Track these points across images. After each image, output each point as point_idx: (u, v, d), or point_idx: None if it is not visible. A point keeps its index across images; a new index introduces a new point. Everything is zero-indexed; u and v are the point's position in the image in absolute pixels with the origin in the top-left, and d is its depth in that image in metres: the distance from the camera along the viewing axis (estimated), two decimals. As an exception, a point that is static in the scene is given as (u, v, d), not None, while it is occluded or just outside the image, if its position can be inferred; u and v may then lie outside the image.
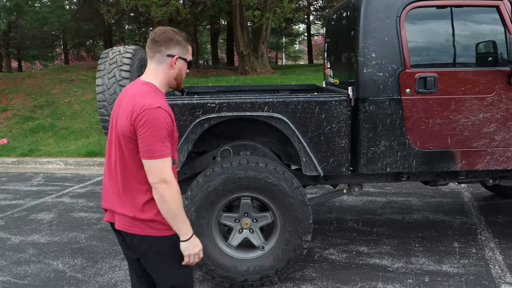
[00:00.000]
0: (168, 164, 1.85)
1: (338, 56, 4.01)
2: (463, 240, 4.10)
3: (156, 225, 1.93)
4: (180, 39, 1.98)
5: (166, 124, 1.84)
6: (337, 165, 3.36)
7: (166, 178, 1.83)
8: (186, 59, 2.01)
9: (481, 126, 3.36)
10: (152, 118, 1.81)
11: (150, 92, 1.90)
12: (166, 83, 2.01)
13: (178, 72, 2.01)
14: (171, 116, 1.89)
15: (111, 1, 16.34)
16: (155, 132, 1.81)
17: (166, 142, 1.85)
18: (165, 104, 1.90)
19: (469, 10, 3.41)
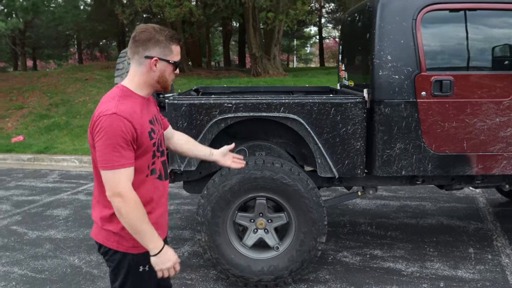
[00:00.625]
0: (123, 176, 1.68)
1: (353, 58, 4.02)
2: (479, 246, 4.08)
3: (118, 240, 1.81)
4: (161, 38, 1.80)
5: (121, 131, 1.66)
6: (352, 167, 3.37)
7: (120, 192, 1.67)
8: (168, 61, 1.83)
9: (497, 130, 3.35)
10: (105, 125, 1.66)
11: (115, 97, 1.75)
12: (146, 86, 1.83)
13: (160, 74, 1.82)
14: (132, 122, 1.70)
15: (125, 2, 16.50)
16: (108, 140, 1.66)
17: (123, 152, 1.67)
18: (127, 109, 1.71)
19: (486, 14, 3.40)
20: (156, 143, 1.84)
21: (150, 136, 1.79)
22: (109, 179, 1.69)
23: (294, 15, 12.29)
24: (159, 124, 1.95)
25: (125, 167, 1.69)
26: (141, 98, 1.83)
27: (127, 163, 1.69)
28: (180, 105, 3.31)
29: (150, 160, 1.82)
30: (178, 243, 4.29)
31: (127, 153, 1.69)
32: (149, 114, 1.85)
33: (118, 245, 1.82)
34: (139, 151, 1.76)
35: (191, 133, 3.30)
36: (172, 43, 1.83)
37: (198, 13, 12.51)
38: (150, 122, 1.83)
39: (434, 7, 3.33)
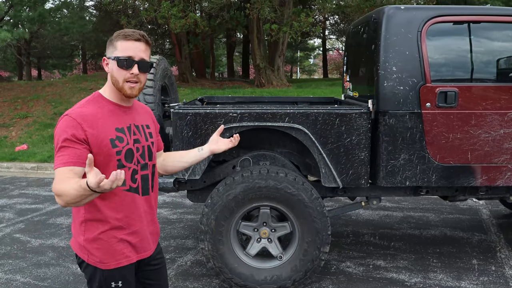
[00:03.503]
0: (61, 174, 1.59)
1: (358, 69, 4.04)
2: (482, 257, 4.05)
3: (88, 253, 1.76)
4: (113, 37, 1.75)
5: (66, 132, 1.63)
6: (356, 177, 3.38)
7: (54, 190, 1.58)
8: (111, 57, 1.74)
9: (502, 141, 3.36)
10: (57, 126, 1.68)
11: (82, 101, 1.77)
12: (111, 89, 1.78)
13: (111, 74, 1.75)
14: (81, 124, 1.65)
15: (131, 13, 16.66)
16: (56, 142, 1.67)
17: (66, 151, 1.62)
18: (81, 111, 1.69)
19: (491, 26, 3.43)
20: (122, 152, 1.73)
21: (112, 143, 1.70)
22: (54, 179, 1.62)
23: (298, 27, 12.37)
24: (141, 136, 1.83)
25: (64, 165, 1.60)
26: (111, 104, 1.77)
27: (67, 162, 1.60)
28: (185, 114, 3.33)
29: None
30: (181, 252, 4.28)
31: (70, 152, 1.61)
32: (121, 122, 1.77)
33: (89, 258, 1.76)
34: (99, 157, 1.67)
35: (195, 143, 3.32)
36: (118, 40, 1.73)
37: (203, 24, 12.61)
38: (118, 129, 1.74)
39: (439, 20, 3.36)
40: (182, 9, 12.19)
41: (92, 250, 1.74)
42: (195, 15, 12.57)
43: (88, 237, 1.74)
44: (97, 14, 23.84)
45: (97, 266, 1.75)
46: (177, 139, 3.36)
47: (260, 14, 12.36)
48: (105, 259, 1.75)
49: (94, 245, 1.74)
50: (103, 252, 1.75)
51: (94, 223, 1.74)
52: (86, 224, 1.74)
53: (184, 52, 16.32)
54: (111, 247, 1.76)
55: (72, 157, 1.61)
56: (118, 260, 1.77)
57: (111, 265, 1.76)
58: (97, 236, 1.74)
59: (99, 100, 1.76)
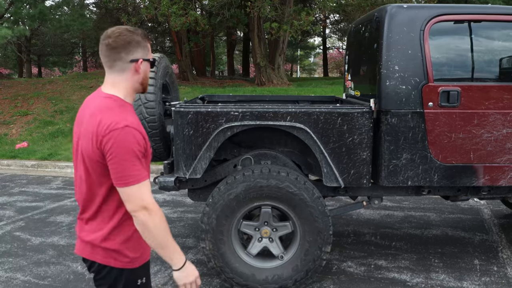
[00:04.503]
0: (147, 188, 1.63)
1: (359, 68, 4.03)
2: (484, 257, 4.04)
3: (116, 256, 1.72)
4: (139, 38, 1.71)
5: (137, 144, 1.60)
6: (358, 177, 3.36)
7: (146, 205, 1.61)
8: (148, 60, 1.75)
9: (504, 141, 3.34)
10: (120, 139, 1.58)
11: (113, 108, 1.65)
12: (132, 91, 1.75)
13: (144, 76, 1.75)
14: (142, 133, 1.64)
15: (131, 11, 16.62)
16: (125, 155, 1.58)
17: (140, 165, 1.62)
18: (133, 119, 1.64)
19: (493, 25, 3.41)
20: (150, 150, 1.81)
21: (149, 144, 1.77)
22: (132, 194, 1.60)
23: (298, 25, 12.35)
24: None
25: (146, 179, 1.63)
26: (130, 106, 1.75)
27: (145, 176, 1.63)
28: (187, 113, 3.31)
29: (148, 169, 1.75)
30: (182, 251, 4.26)
31: (142, 165, 1.64)
32: None
33: (116, 262, 1.73)
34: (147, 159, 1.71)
35: (197, 141, 3.31)
36: (147, 41, 1.75)
37: (203, 22, 12.57)
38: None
39: (442, 18, 3.34)
40: (183, 7, 12.16)
41: (124, 251, 1.73)
42: (195, 13, 12.54)
43: (121, 239, 1.72)
44: (98, 11, 23.82)
45: (126, 267, 1.74)
46: (178, 138, 3.34)
47: (260, 12, 12.33)
48: (135, 258, 1.75)
49: (126, 245, 1.73)
50: (135, 250, 1.75)
51: (127, 222, 1.73)
52: (119, 227, 1.72)
53: (185, 50, 16.28)
54: (140, 244, 1.76)
55: (146, 170, 1.65)
56: (144, 255, 1.80)
57: (140, 262, 1.77)
58: (131, 235, 1.73)
59: (125, 104, 1.72)
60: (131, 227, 1.72)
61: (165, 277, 3.73)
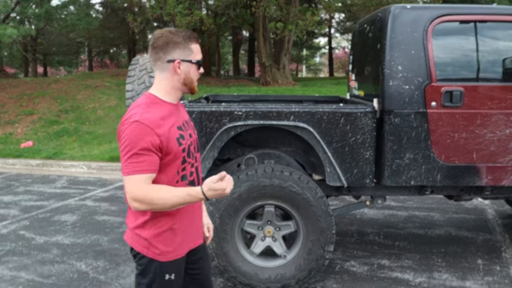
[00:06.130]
0: (139, 182, 1.69)
1: (364, 68, 4.03)
2: (487, 257, 4.04)
3: (149, 246, 1.82)
4: (179, 39, 1.77)
5: (141, 139, 1.67)
6: (361, 177, 3.37)
7: (135, 197, 1.69)
8: (190, 60, 1.80)
9: (507, 141, 3.34)
10: (127, 133, 1.69)
11: (141, 105, 1.76)
12: (173, 90, 1.83)
13: (185, 76, 1.81)
14: (154, 129, 1.70)
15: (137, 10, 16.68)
16: (127, 147, 1.69)
17: (140, 158, 1.68)
18: (151, 116, 1.72)
19: (496, 25, 3.40)
20: (185, 149, 1.82)
21: (178, 142, 1.78)
22: (127, 185, 1.70)
23: (303, 25, 12.35)
24: (191, 130, 1.93)
25: (142, 173, 1.69)
26: (169, 104, 1.82)
27: (145, 170, 1.69)
28: (191, 112, 3.34)
29: (180, 166, 1.81)
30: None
31: (146, 159, 1.69)
32: (179, 120, 1.85)
33: (148, 251, 1.82)
34: (168, 157, 1.76)
35: (200, 141, 3.33)
36: (191, 43, 1.80)
37: (209, 22, 12.62)
38: (179, 128, 1.82)
39: (445, 19, 3.34)
40: (188, 6, 12.21)
41: (155, 243, 1.81)
42: (201, 12, 12.59)
43: (153, 232, 1.81)
44: (103, 11, 23.92)
45: (156, 258, 1.82)
46: (182, 137, 3.36)
47: (266, 12, 12.36)
48: (166, 251, 1.82)
49: (158, 239, 1.81)
50: (166, 244, 1.82)
51: (160, 218, 1.80)
52: (152, 220, 1.80)
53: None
54: (172, 240, 1.83)
55: (149, 164, 1.70)
56: (176, 252, 1.86)
57: (171, 256, 1.84)
58: (163, 230, 1.81)
59: (157, 101, 1.80)
60: (163, 224, 1.81)
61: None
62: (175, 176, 1.81)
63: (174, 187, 1.73)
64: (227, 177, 1.71)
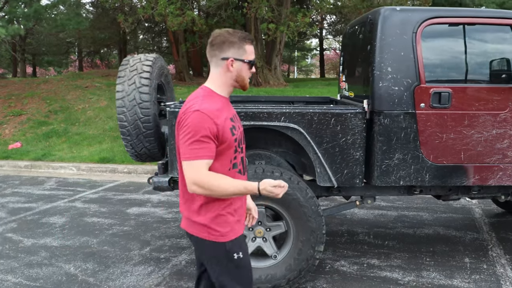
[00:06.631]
0: (200, 166, 1.83)
1: (354, 69, 4.06)
2: (474, 255, 4.09)
3: (209, 230, 1.95)
4: (235, 39, 1.93)
5: (202, 127, 1.82)
6: (351, 177, 3.40)
7: (196, 181, 1.83)
8: (243, 60, 1.95)
9: (494, 142, 3.39)
10: (189, 121, 1.83)
11: (199, 96, 1.93)
12: (225, 86, 1.98)
13: (237, 74, 1.96)
14: (213, 119, 1.84)
15: (128, 11, 16.61)
16: (189, 134, 1.83)
17: (201, 145, 1.82)
18: (210, 107, 1.87)
19: (484, 28, 3.45)
20: (237, 139, 1.98)
21: (232, 132, 1.93)
22: (187, 169, 1.84)
23: (295, 26, 12.38)
24: (240, 123, 2.09)
25: (202, 158, 1.83)
26: (222, 97, 1.98)
27: (205, 155, 1.83)
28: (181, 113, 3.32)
29: (232, 155, 1.97)
30: (176, 252, 4.29)
31: (206, 146, 1.83)
32: (230, 112, 2.00)
33: (209, 235, 1.95)
34: (223, 146, 1.90)
35: (191, 141, 3.32)
36: (245, 43, 1.94)
37: (200, 23, 12.59)
38: (231, 119, 1.98)
39: (434, 21, 3.38)
40: (180, 7, 12.17)
41: (213, 226, 1.95)
42: (192, 13, 12.55)
43: (210, 216, 1.95)
44: (94, 11, 23.77)
45: (219, 240, 1.96)
46: (172, 138, 3.36)
47: (257, 13, 12.36)
48: (225, 232, 1.96)
49: (215, 221, 1.95)
50: (223, 226, 1.96)
51: (214, 203, 1.95)
52: (207, 205, 1.95)
53: (181, 51, 16.28)
54: (228, 221, 1.98)
55: (209, 151, 1.85)
56: (235, 230, 2.00)
57: (232, 236, 1.98)
58: (218, 213, 1.95)
59: (213, 95, 1.96)
60: (217, 208, 1.95)
61: (158, 277, 3.75)
62: (228, 164, 1.96)
63: (232, 178, 1.89)
64: (284, 186, 1.91)
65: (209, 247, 1.98)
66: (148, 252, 4.28)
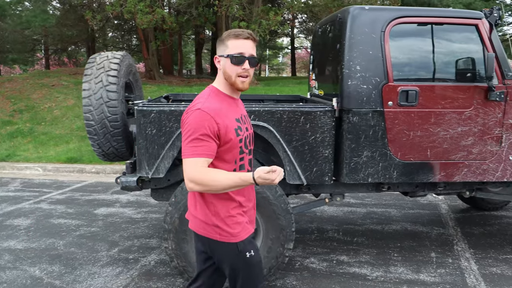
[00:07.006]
0: (197, 164, 1.82)
1: (323, 68, 4.09)
2: (440, 250, 4.19)
3: (220, 231, 1.96)
4: (223, 37, 1.94)
5: (201, 126, 1.82)
6: (320, 175, 3.42)
7: (192, 178, 1.82)
8: (223, 55, 1.94)
9: (459, 139, 3.47)
10: (190, 119, 1.85)
11: (203, 95, 1.95)
12: (224, 84, 1.98)
13: (224, 71, 1.95)
14: (214, 117, 1.85)
15: (96, 8, 16.27)
16: (189, 132, 1.84)
17: (200, 143, 1.83)
18: (211, 106, 1.87)
19: (450, 28, 3.53)
20: (242, 140, 1.96)
21: (236, 132, 1.93)
22: (185, 167, 1.84)
23: (266, 25, 12.40)
24: (248, 124, 2.08)
25: (200, 156, 1.83)
26: (227, 97, 1.99)
27: (203, 154, 1.83)
28: (149, 112, 3.28)
29: (237, 156, 1.96)
30: (145, 252, 4.22)
31: (205, 144, 1.83)
32: (237, 113, 2.00)
33: (221, 236, 1.95)
34: (226, 145, 1.90)
35: (160, 140, 3.28)
36: (228, 39, 1.93)
37: (170, 21, 12.45)
38: (237, 120, 1.97)
39: (402, 20, 3.44)
40: (149, 4, 12.01)
41: (224, 227, 1.95)
42: (162, 10, 12.40)
43: (220, 216, 1.95)
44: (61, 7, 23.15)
45: (231, 240, 1.96)
46: (140, 137, 3.30)
47: (228, 11, 12.32)
48: (236, 232, 1.96)
49: (226, 222, 1.95)
50: (234, 226, 1.96)
51: (223, 203, 1.96)
52: (215, 206, 1.95)
53: (151, 49, 16.07)
54: (239, 221, 1.98)
55: (207, 149, 1.84)
56: (245, 230, 2.00)
57: (243, 236, 1.98)
58: (228, 213, 1.96)
59: (218, 94, 1.97)
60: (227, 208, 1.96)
61: (127, 278, 3.68)
62: (234, 165, 1.96)
63: (227, 172, 1.87)
64: (278, 170, 1.82)
65: (221, 248, 1.98)
66: (117, 253, 4.20)
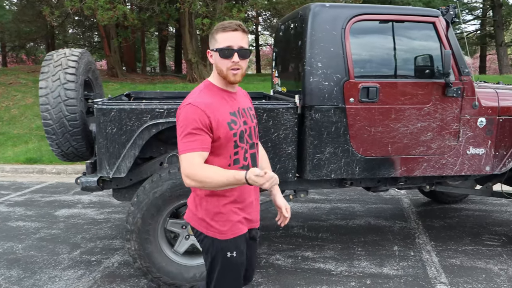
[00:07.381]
0: (192, 159, 1.80)
1: (286, 65, 4.10)
2: (403, 243, 4.29)
3: (207, 226, 1.97)
4: (213, 30, 1.93)
5: (193, 120, 1.81)
6: (283, 171, 3.43)
7: (188, 173, 1.80)
8: (213, 49, 1.92)
9: (418, 134, 3.56)
10: (182, 115, 1.85)
11: (196, 90, 1.95)
12: (217, 77, 1.97)
13: (215, 64, 1.93)
14: (205, 111, 1.83)
15: (54, 3, 15.77)
16: (181, 128, 1.84)
17: (193, 137, 1.81)
18: (202, 100, 1.86)
19: (409, 26, 3.60)
20: (237, 133, 1.92)
21: (229, 126, 1.90)
22: (181, 162, 1.83)
23: (229, 22, 12.34)
24: (247, 117, 2.02)
25: (195, 150, 1.81)
26: (221, 90, 1.96)
27: (197, 147, 1.82)
28: (109, 110, 3.20)
29: (231, 150, 1.93)
30: (108, 253, 4.13)
31: (198, 138, 1.82)
32: (232, 106, 1.96)
33: (207, 231, 1.96)
34: (220, 140, 1.88)
35: (120, 139, 3.21)
36: (217, 33, 1.90)
37: (132, 17, 12.21)
38: (232, 113, 1.93)
39: (362, 18, 3.48)
40: (110, 0, 11.73)
41: (212, 223, 1.95)
42: (123, 7, 12.14)
43: (209, 211, 1.95)
44: (18, 3, 22.31)
45: (216, 237, 1.96)
46: (100, 136, 3.22)
47: (191, 8, 12.19)
48: (223, 230, 1.95)
49: (214, 218, 1.95)
50: (222, 224, 1.95)
51: (214, 198, 1.95)
52: (207, 200, 1.95)
53: (113, 46, 15.73)
54: (229, 219, 1.96)
55: (201, 143, 1.82)
56: (234, 231, 1.98)
57: (228, 235, 1.96)
58: (218, 210, 1.95)
59: (211, 88, 1.96)
60: (217, 204, 1.95)
61: (89, 281, 3.59)
62: (228, 160, 1.93)
63: (223, 169, 1.84)
64: (268, 177, 1.73)
65: (206, 241, 1.99)
66: (78, 255, 4.09)
